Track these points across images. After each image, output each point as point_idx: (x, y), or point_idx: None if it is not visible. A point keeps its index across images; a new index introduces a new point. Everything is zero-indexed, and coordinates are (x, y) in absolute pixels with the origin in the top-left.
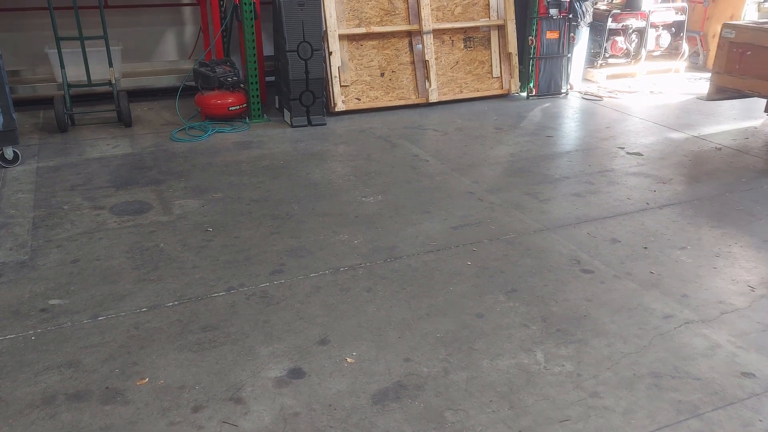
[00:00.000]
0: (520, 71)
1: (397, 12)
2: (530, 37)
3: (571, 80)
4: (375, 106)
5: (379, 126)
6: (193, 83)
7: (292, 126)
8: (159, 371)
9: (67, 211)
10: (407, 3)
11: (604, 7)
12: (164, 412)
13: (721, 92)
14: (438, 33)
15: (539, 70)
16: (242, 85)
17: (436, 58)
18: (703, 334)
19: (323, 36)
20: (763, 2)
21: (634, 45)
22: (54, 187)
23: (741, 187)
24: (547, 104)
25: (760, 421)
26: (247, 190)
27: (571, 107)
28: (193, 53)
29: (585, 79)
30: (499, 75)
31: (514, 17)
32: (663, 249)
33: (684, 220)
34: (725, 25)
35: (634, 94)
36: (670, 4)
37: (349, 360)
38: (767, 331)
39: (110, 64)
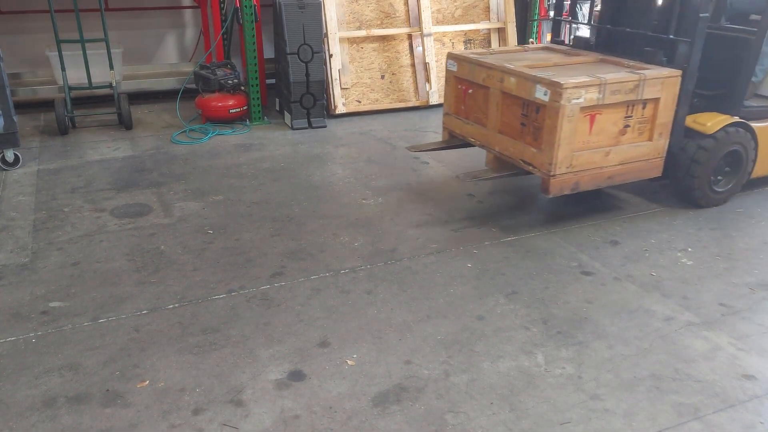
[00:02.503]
0: None
1: (397, 15)
2: (531, 40)
3: None
4: (375, 109)
5: (379, 128)
6: (193, 86)
7: (292, 128)
8: (159, 373)
9: (68, 213)
10: (407, 6)
11: None
12: (165, 414)
13: (454, 138)
14: (438, 35)
15: None
16: (243, 88)
17: (436, 61)
18: (703, 336)
19: (324, 38)
20: None
21: None
22: (55, 190)
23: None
24: None
25: (761, 423)
26: (248, 192)
27: None
28: (194, 56)
29: None
30: None
31: (514, 20)
32: (663, 251)
33: (684, 222)
34: (449, 55)
35: None
36: None
37: (349, 362)
38: None
39: (111, 67)
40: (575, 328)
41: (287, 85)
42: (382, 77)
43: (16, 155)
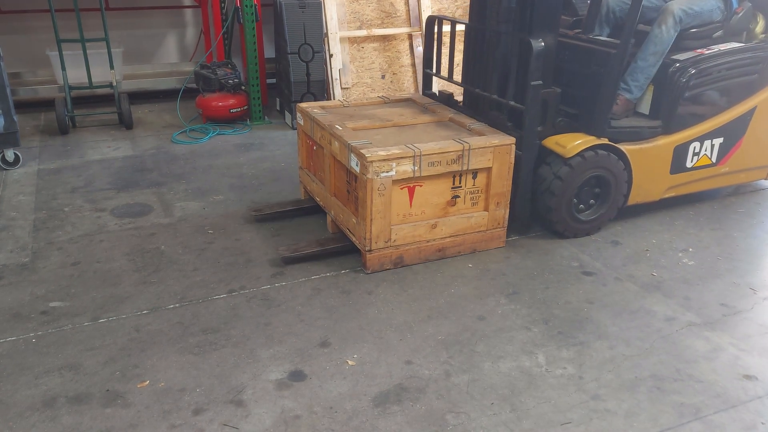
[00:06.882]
0: None
1: (397, 14)
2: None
3: None
4: None
5: None
6: (194, 85)
7: (293, 128)
8: (160, 374)
9: (68, 213)
10: (408, 5)
11: None
12: (165, 414)
13: (309, 197)
14: None
15: None
16: (243, 87)
17: None
18: (705, 336)
19: (324, 38)
20: None
21: None
22: (55, 190)
23: (743, 188)
24: None
25: (762, 423)
26: (248, 192)
27: None
28: (195, 55)
29: None
30: None
31: None
32: (665, 251)
33: (685, 223)
34: (298, 108)
35: None
36: None
37: (350, 362)
38: None
39: (111, 66)
40: (576, 328)
41: (288, 85)
42: (383, 77)
43: (16, 155)
